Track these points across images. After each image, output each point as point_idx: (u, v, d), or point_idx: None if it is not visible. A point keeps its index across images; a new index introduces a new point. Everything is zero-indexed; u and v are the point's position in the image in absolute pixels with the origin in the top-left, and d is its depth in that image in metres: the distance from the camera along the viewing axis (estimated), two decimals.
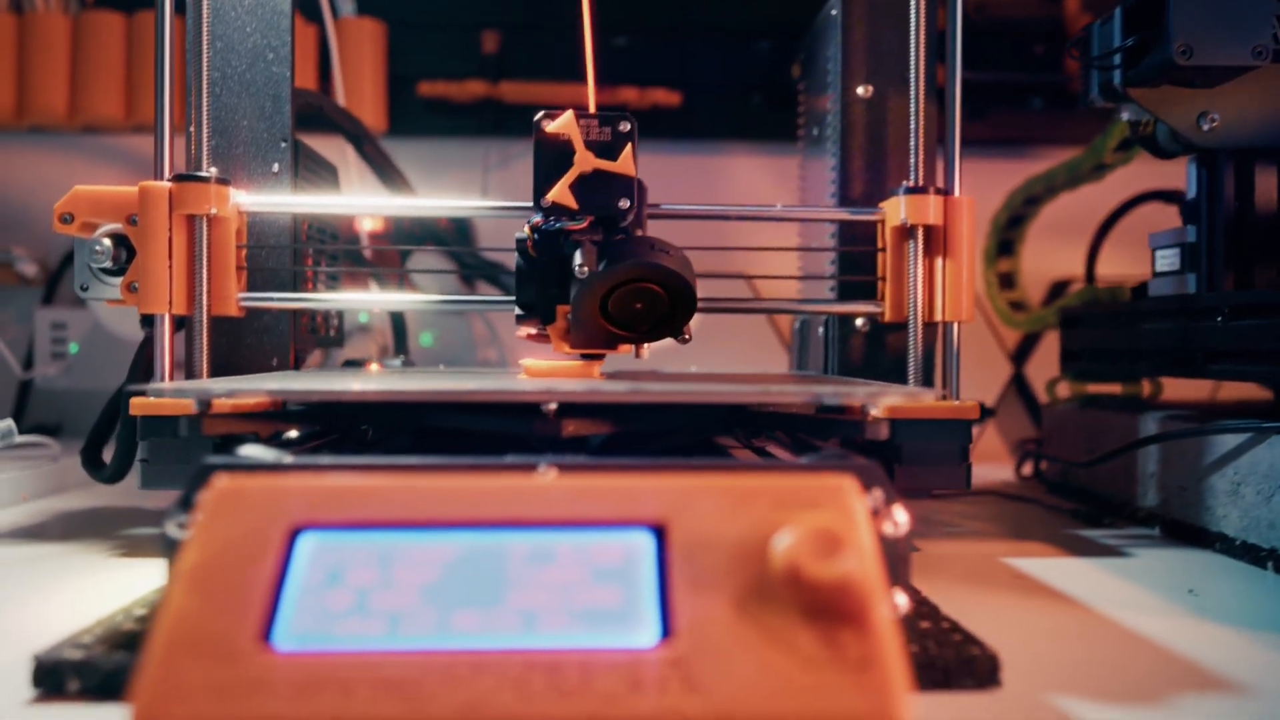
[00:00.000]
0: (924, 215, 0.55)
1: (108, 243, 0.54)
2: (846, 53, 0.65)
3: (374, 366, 0.73)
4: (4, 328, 1.00)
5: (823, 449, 0.36)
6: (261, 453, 0.35)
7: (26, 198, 1.01)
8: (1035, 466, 0.85)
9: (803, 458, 0.36)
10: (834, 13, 0.66)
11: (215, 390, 0.44)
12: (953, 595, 0.45)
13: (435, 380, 0.51)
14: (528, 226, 0.52)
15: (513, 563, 0.29)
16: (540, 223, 0.52)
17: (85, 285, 0.56)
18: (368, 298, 0.77)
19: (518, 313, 0.54)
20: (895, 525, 0.33)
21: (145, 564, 0.50)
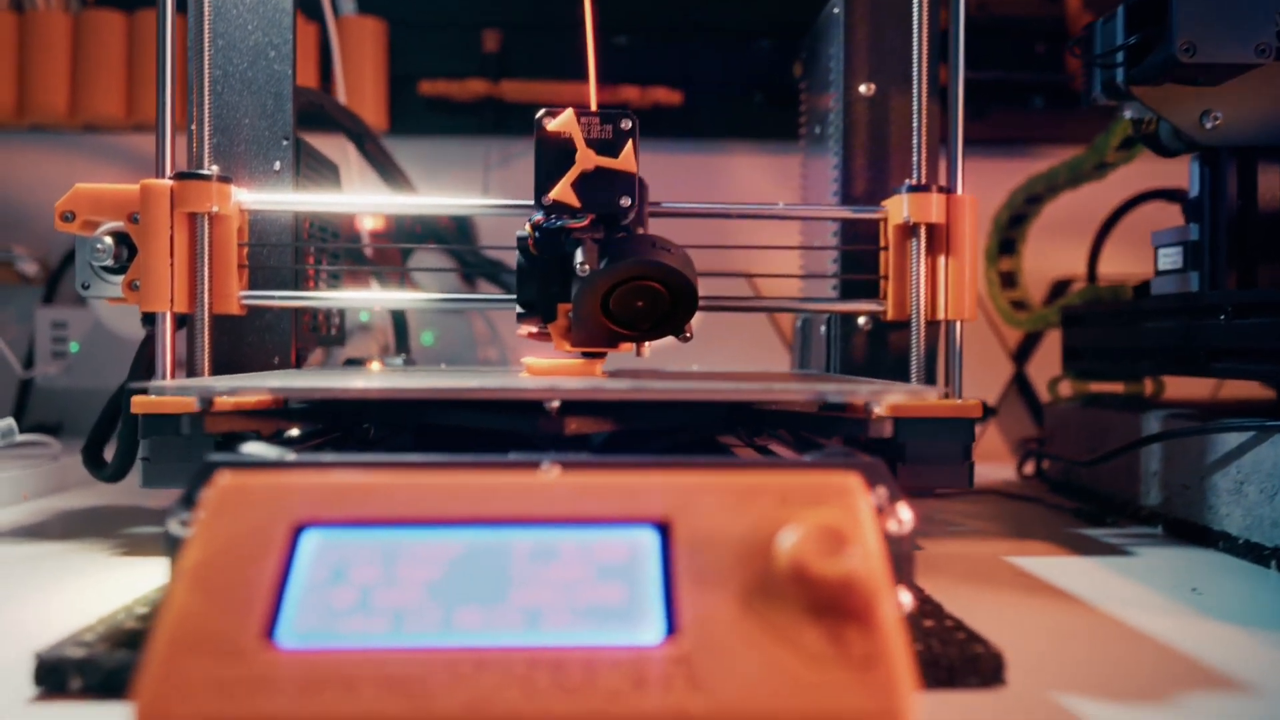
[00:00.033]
0: (926, 213, 0.55)
1: (109, 241, 0.54)
2: (849, 51, 0.65)
3: (375, 365, 0.73)
4: (4, 327, 1.00)
5: (826, 447, 0.36)
6: (264, 450, 0.35)
7: (27, 196, 1.01)
8: (1037, 465, 0.85)
9: (806, 455, 0.36)
10: (836, 11, 0.66)
11: (217, 388, 0.44)
12: (956, 594, 0.45)
13: (437, 378, 0.51)
14: (529, 224, 0.52)
15: (516, 560, 0.29)
16: (541, 221, 0.51)
17: (87, 283, 0.56)
18: (369, 296, 0.77)
19: (519, 311, 0.54)
20: (899, 523, 0.33)
21: (147, 562, 0.50)
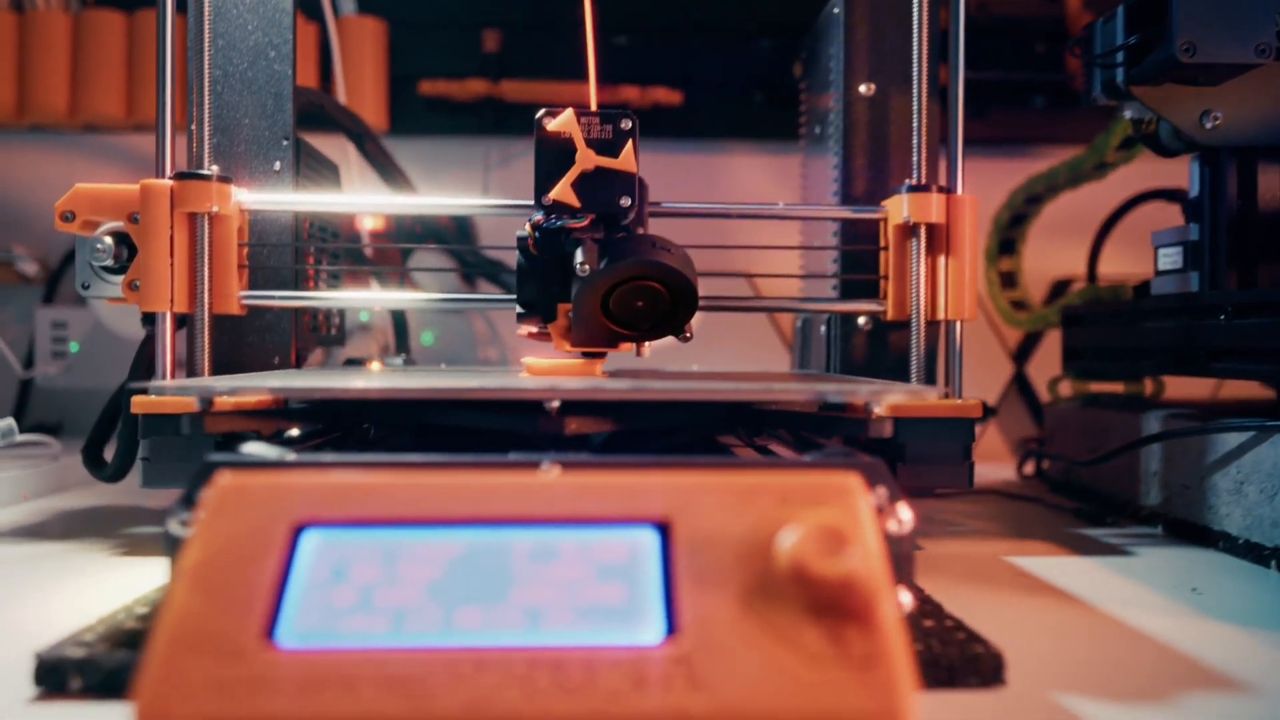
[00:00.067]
0: (926, 213, 0.55)
1: (109, 241, 0.54)
2: (849, 51, 0.65)
3: (375, 365, 0.73)
4: (4, 327, 1.00)
5: (826, 447, 0.36)
6: (264, 450, 0.35)
7: (27, 196, 1.01)
8: (1037, 465, 0.85)
9: (806, 455, 0.36)
10: (836, 11, 0.66)
11: (217, 388, 0.44)
12: (956, 594, 0.45)
13: (437, 378, 0.51)
14: (529, 224, 0.52)
15: (517, 560, 0.29)
16: (541, 221, 0.51)
17: (87, 283, 0.56)
18: (369, 296, 0.77)
19: (519, 311, 0.54)
20: (899, 523, 0.33)
21: (147, 563, 0.50)
